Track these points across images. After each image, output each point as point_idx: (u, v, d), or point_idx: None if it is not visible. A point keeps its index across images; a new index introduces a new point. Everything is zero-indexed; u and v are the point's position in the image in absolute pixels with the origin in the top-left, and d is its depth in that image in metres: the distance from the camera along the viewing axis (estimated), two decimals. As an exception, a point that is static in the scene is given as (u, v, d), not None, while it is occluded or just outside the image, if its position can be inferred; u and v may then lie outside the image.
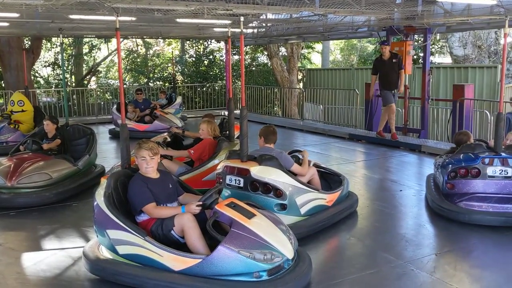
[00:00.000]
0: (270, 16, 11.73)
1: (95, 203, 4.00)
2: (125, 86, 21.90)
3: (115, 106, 12.35)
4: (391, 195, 6.60)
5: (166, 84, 20.84)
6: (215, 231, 3.63)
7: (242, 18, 4.99)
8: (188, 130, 8.42)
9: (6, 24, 11.02)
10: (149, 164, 4.00)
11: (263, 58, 24.06)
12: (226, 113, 15.36)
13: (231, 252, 3.47)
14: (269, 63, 21.01)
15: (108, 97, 19.92)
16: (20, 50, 16.01)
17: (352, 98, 13.95)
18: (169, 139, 7.64)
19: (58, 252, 4.59)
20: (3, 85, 17.74)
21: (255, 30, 14.36)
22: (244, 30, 13.80)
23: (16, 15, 9.04)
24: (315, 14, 10.35)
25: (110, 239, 3.82)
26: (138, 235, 3.69)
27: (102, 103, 18.28)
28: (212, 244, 3.64)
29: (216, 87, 19.42)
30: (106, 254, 3.98)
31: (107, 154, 9.42)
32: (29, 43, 17.18)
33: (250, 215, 3.79)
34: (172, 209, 3.94)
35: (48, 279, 4.06)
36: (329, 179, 5.81)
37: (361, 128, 12.35)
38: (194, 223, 3.72)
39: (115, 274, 3.79)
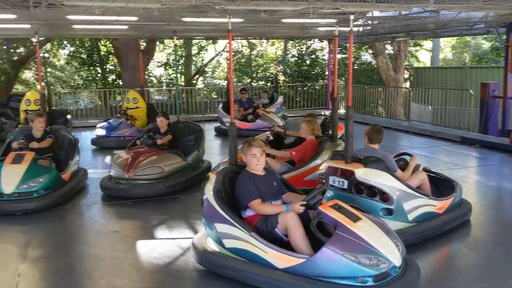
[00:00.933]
0: (377, 13, 11.36)
1: (204, 197, 4.17)
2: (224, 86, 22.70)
3: (221, 105, 12.75)
4: (508, 205, 6.06)
5: (268, 83, 21.16)
6: (319, 232, 3.60)
7: (352, 17, 4.89)
8: (289, 129, 8.47)
9: (125, 27, 11.92)
10: (259, 161, 4.10)
11: (366, 57, 23.44)
12: (327, 112, 15.30)
13: (336, 255, 3.42)
14: (374, 62, 20.40)
15: (214, 96, 20.72)
16: (137, 52, 17.30)
17: (465, 98, 13.04)
18: (271, 138, 7.76)
19: (169, 242, 4.87)
20: (121, 84, 19.27)
21: (361, 28, 14.01)
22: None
23: (135, 18, 9.74)
24: (427, 10, 9.82)
25: (217, 232, 3.96)
26: (244, 230, 3.78)
27: (208, 101, 19.07)
28: (315, 245, 3.61)
29: (317, 87, 19.30)
30: (213, 246, 4.13)
31: (213, 151, 9.82)
32: (145, 44, 18.42)
33: (355, 218, 3.70)
34: (276, 206, 3.98)
35: (159, 267, 4.32)
36: (440, 185, 5.45)
37: (474, 131, 11.50)
38: (298, 222, 3.72)
39: (221, 267, 3.92)
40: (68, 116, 11.12)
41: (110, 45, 19.60)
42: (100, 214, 5.99)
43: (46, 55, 21.82)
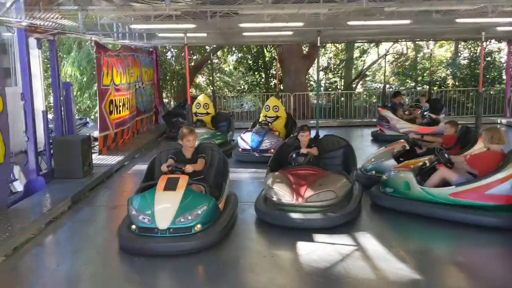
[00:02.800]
0: None
1: None
2: (390, 89, 21.84)
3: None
4: None
5: (435, 87, 19.84)
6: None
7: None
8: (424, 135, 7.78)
9: (290, 33, 12.28)
10: None
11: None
12: (504, 120, 13.73)
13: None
14: None
15: (373, 100, 20.17)
16: (299, 56, 17.77)
17: None
18: (407, 147, 7.29)
19: (328, 246, 4.86)
20: (282, 88, 19.97)
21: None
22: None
23: (300, 24, 9.97)
24: None
25: None
26: None
27: (367, 106, 18.64)
28: None
29: (492, 92, 17.44)
30: None
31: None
32: (307, 49, 18.78)
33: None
34: None
35: (319, 270, 4.34)
36: None
37: None
38: None
39: None
40: (230, 121, 11.52)
41: (275, 51, 20.44)
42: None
43: (216, 61, 23.70)
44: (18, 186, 7.69)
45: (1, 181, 5.87)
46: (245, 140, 9.47)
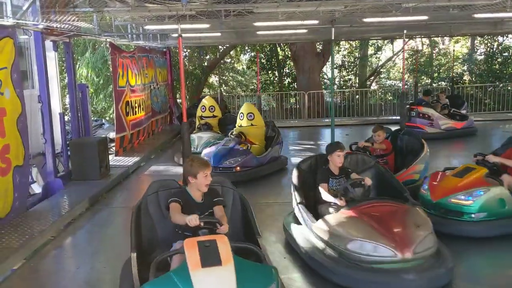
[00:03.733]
0: None
1: None
2: (405, 86, 21.60)
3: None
4: None
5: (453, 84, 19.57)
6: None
7: None
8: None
9: (305, 30, 12.23)
10: None
11: None
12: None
13: None
14: None
15: (389, 98, 19.98)
16: (313, 54, 17.67)
17: None
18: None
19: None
20: (295, 86, 19.89)
21: None
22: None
23: (315, 22, 9.89)
24: None
25: None
26: None
27: (382, 103, 18.47)
28: None
29: (510, 87, 17.15)
30: None
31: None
32: (321, 47, 18.67)
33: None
34: None
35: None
36: None
37: None
38: None
39: None
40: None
41: (288, 49, 20.36)
42: (279, 212, 6.17)
43: (229, 60, 23.70)
44: (36, 188, 7.75)
45: (21, 183, 5.90)
46: (207, 154, 7.78)
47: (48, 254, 5.06)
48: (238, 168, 7.49)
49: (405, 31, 10.94)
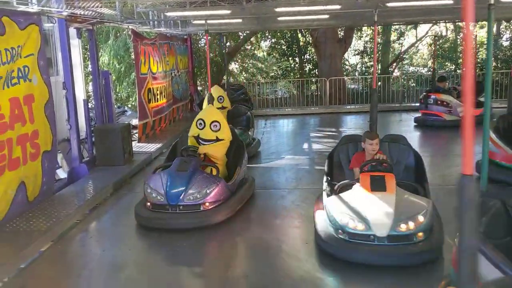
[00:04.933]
0: None
1: None
2: (429, 72, 21.22)
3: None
4: None
5: (477, 70, 19.14)
6: None
7: None
8: None
9: (326, 16, 12.05)
10: None
11: None
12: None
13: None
14: None
15: (412, 85, 19.67)
16: (334, 40, 17.47)
17: None
18: None
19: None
20: (317, 73, 19.72)
21: None
22: None
23: (338, 7, 9.75)
24: None
25: None
26: None
27: (405, 90, 18.19)
28: None
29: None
30: None
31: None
32: (342, 33, 18.44)
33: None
34: None
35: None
36: None
37: None
38: None
39: None
40: (249, 116, 9.68)
41: (309, 35, 20.18)
42: (301, 199, 6.19)
43: (249, 47, 23.58)
44: (61, 173, 7.90)
45: (49, 168, 6.03)
46: (155, 187, 5.29)
47: (74, 237, 5.17)
48: (207, 204, 5.18)
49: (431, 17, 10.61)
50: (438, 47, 22.67)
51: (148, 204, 5.27)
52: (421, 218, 4.04)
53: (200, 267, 4.43)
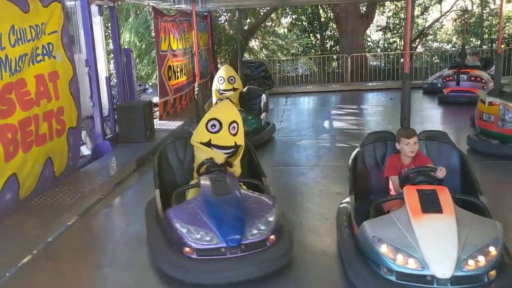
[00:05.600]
0: None
1: None
2: (453, 48, 20.73)
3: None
4: None
5: (503, 46, 18.61)
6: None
7: None
8: None
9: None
10: None
11: None
12: None
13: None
14: None
15: (435, 61, 19.27)
16: (356, 16, 17.14)
17: None
18: None
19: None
20: (338, 49, 19.44)
21: None
22: None
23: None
24: None
25: None
26: None
27: (428, 67, 17.85)
28: None
29: None
30: None
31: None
32: (364, 9, 18.08)
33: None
34: None
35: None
36: None
37: None
38: None
39: None
40: (264, 98, 8.77)
41: (330, 11, 19.85)
42: (322, 176, 6.19)
43: (270, 23, 23.33)
44: (85, 150, 8.05)
45: (75, 144, 6.15)
46: (196, 224, 3.57)
47: (99, 212, 5.30)
48: (272, 237, 3.61)
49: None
50: (463, 22, 22.11)
51: (187, 250, 3.47)
52: (492, 250, 3.02)
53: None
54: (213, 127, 4.36)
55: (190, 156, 4.60)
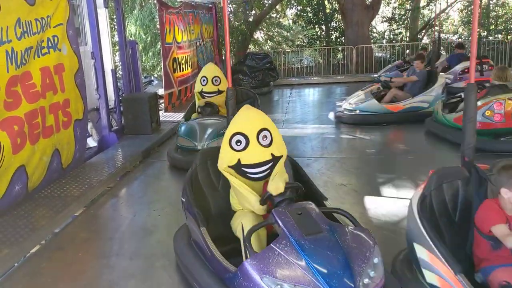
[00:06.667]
0: None
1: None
2: (460, 39, 20.59)
3: None
4: None
5: (510, 37, 18.48)
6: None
7: None
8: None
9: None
10: None
11: None
12: None
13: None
14: None
15: (442, 53, 19.15)
16: (362, 7, 17.05)
17: None
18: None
19: (399, 201, 4.79)
20: (343, 41, 19.36)
21: None
22: None
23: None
24: None
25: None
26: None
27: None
28: None
29: None
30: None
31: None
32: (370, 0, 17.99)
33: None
34: None
35: (386, 224, 4.30)
36: None
37: None
38: None
39: None
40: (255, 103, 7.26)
41: (336, 2, 19.75)
42: (326, 167, 6.22)
43: (274, 15, 23.24)
44: (91, 142, 8.11)
45: (81, 136, 6.20)
46: (298, 280, 2.60)
47: (106, 203, 5.36)
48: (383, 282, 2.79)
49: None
50: (469, 13, 21.93)
51: None
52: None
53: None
54: (238, 143, 3.37)
55: (224, 180, 3.59)
